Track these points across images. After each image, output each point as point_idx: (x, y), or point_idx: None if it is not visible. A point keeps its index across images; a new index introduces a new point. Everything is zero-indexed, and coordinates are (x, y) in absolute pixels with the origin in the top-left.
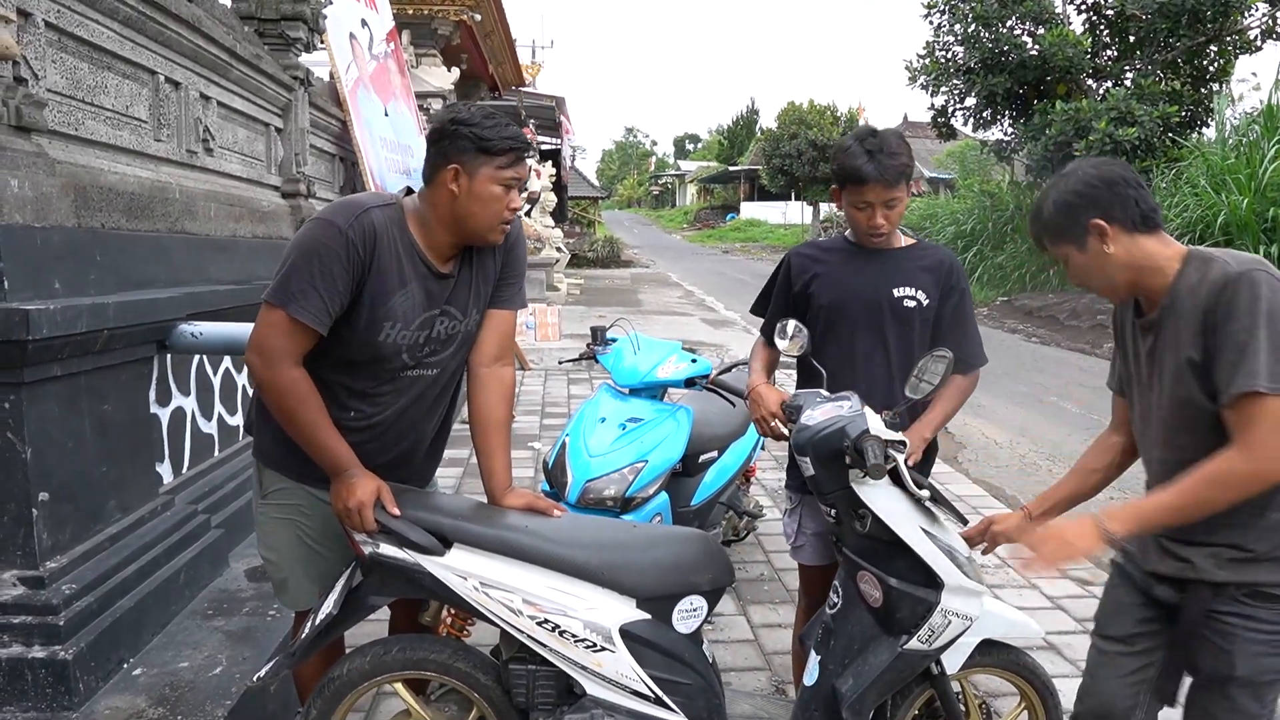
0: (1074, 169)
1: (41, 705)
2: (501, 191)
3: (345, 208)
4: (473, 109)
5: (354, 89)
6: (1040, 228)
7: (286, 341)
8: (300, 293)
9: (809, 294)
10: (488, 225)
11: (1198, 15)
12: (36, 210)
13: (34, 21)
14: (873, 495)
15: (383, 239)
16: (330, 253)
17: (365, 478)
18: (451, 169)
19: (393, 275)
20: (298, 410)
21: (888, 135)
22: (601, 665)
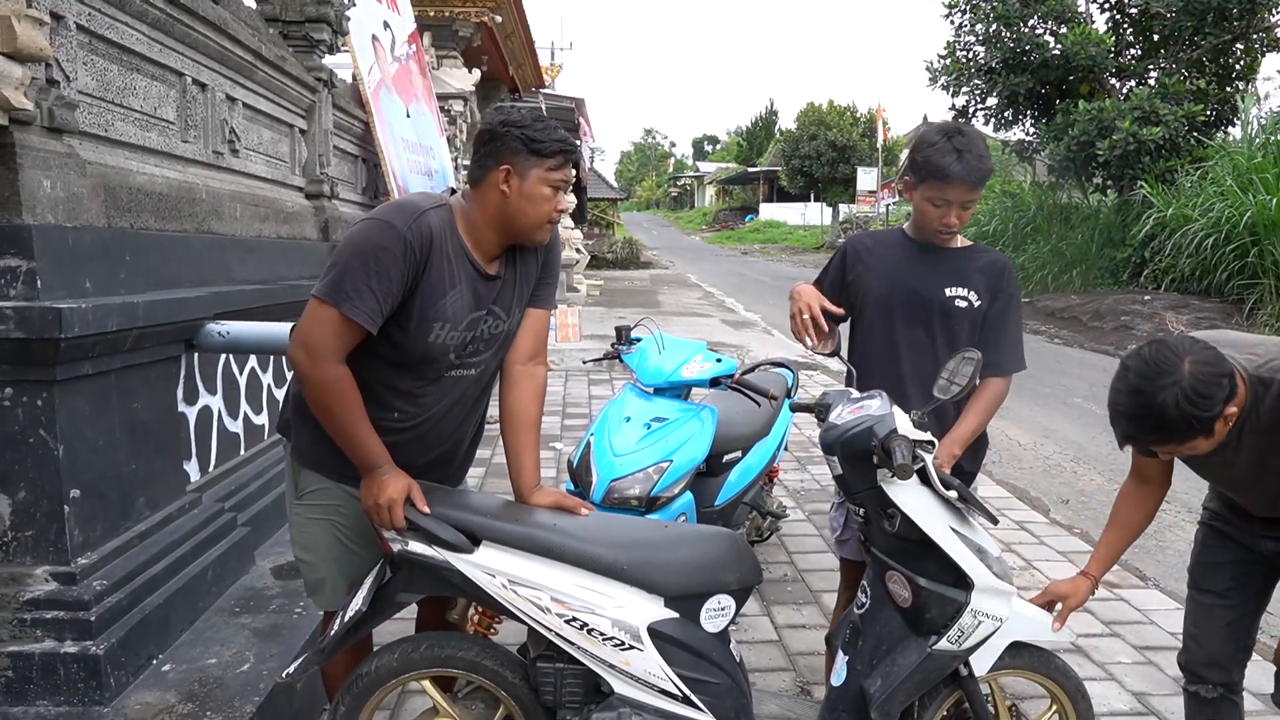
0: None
1: (74, 699)
2: (550, 192)
3: (403, 210)
4: (522, 111)
5: (376, 90)
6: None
7: (335, 339)
8: (355, 292)
9: (861, 283)
10: (535, 225)
11: (1224, 13)
12: (68, 210)
13: (65, 24)
14: (902, 494)
15: (437, 241)
16: (387, 254)
17: (396, 475)
18: (503, 170)
19: (445, 277)
20: (338, 407)
21: (974, 136)
22: (629, 664)
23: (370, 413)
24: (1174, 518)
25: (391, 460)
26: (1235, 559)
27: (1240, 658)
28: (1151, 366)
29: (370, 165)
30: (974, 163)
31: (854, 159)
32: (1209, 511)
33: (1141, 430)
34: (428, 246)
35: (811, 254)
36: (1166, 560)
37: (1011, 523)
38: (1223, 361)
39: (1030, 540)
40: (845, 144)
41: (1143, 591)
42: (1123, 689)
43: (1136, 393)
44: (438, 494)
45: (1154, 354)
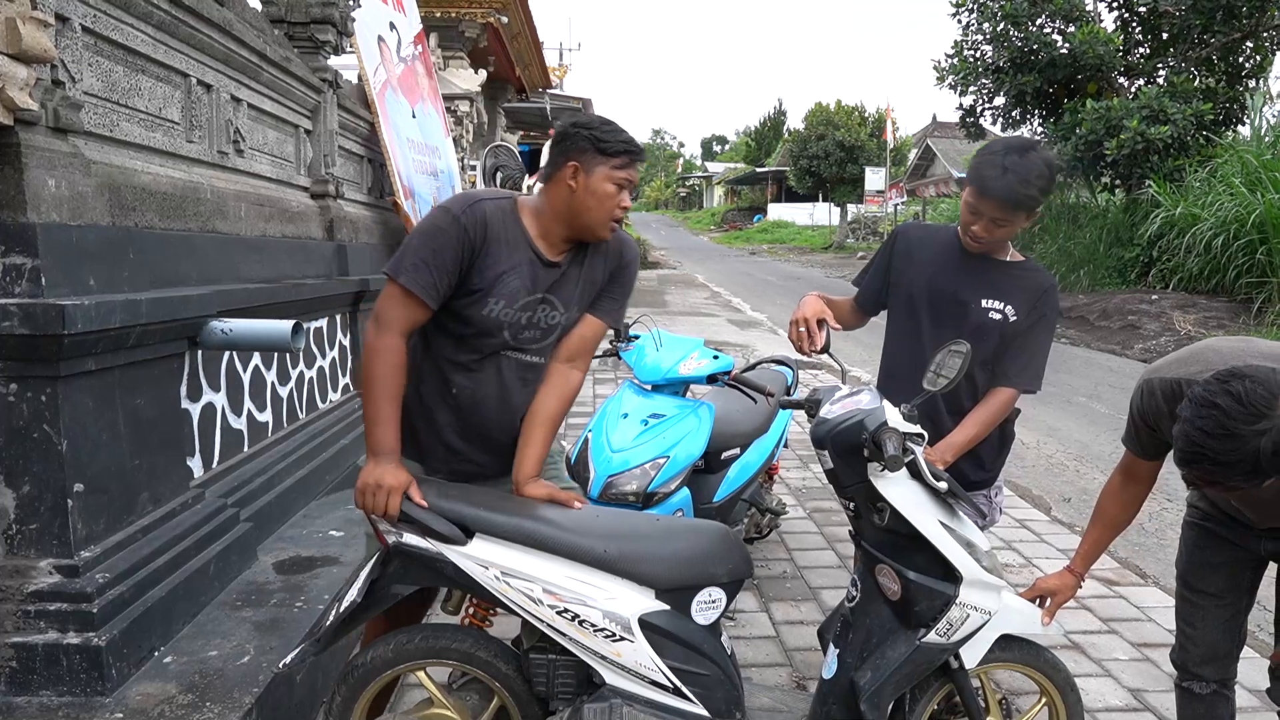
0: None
1: (76, 690)
2: (614, 190)
3: (461, 199)
4: (593, 117)
5: (382, 91)
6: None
7: (397, 310)
8: (413, 267)
9: (904, 272)
10: (600, 221)
11: (1233, 11)
12: (73, 209)
13: (71, 26)
14: (891, 488)
15: (493, 225)
16: (443, 234)
17: (400, 469)
18: (571, 166)
19: (502, 257)
20: (378, 377)
21: (1034, 162)
22: (620, 655)
23: (434, 388)
24: (1175, 515)
25: (399, 454)
26: (1229, 559)
27: (1235, 653)
28: (1247, 408)
29: (376, 165)
30: (1012, 183)
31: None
32: (1198, 511)
33: (1230, 476)
34: (483, 229)
35: (820, 254)
36: (1166, 558)
37: (1013, 520)
38: None
39: (1031, 538)
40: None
41: (1141, 589)
42: (1119, 685)
43: (1230, 436)
44: (432, 486)
45: (1248, 392)
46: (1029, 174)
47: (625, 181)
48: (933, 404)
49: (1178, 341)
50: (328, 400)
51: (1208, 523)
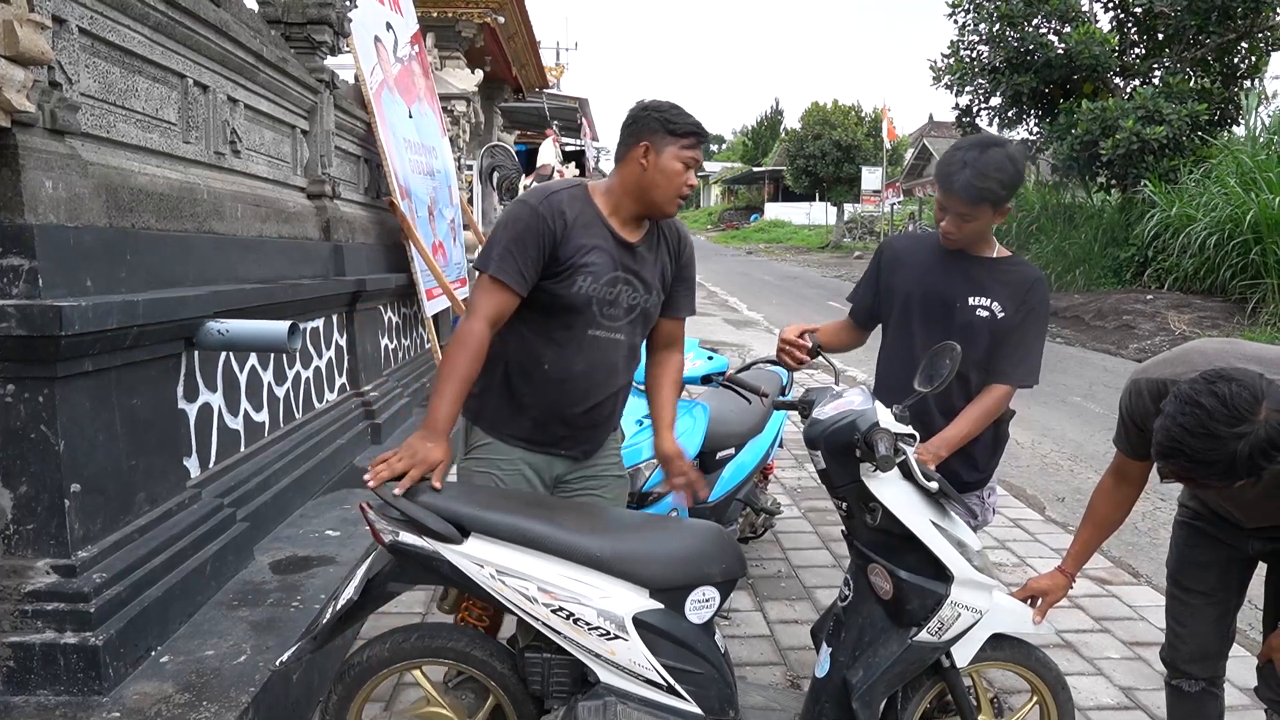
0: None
1: (73, 689)
2: (681, 168)
3: (538, 191)
4: (661, 101)
5: (378, 91)
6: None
7: (485, 298)
8: (499, 257)
9: (893, 283)
10: (668, 196)
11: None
12: (70, 210)
13: (68, 27)
14: (883, 488)
15: (570, 211)
16: (522, 224)
17: (442, 448)
18: (642, 145)
19: (583, 238)
20: (455, 359)
21: (994, 158)
22: (615, 653)
23: (524, 364)
24: (1168, 515)
25: (448, 435)
26: (1220, 558)
27: (1224, 652)
28: (1230, 410)
29: (373, 165)
30: (969, 178)
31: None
32: (1189, 510)
33: (1205, 474)
34: (561, 216)
35: (816, 253)
36: (1159, 557)
37: (1006, 520)
38: None
39: (1024, 537)
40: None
41: (1134, 588)
42: (1110, 684)
43: (1209, 436)
44: (427, 486)
45: (1232, 395)
46: (987, 168)
47: (692, 160)
48: (924, 404)
49: (1172, 341)
50: (324, 400)
51: (1198, 522)
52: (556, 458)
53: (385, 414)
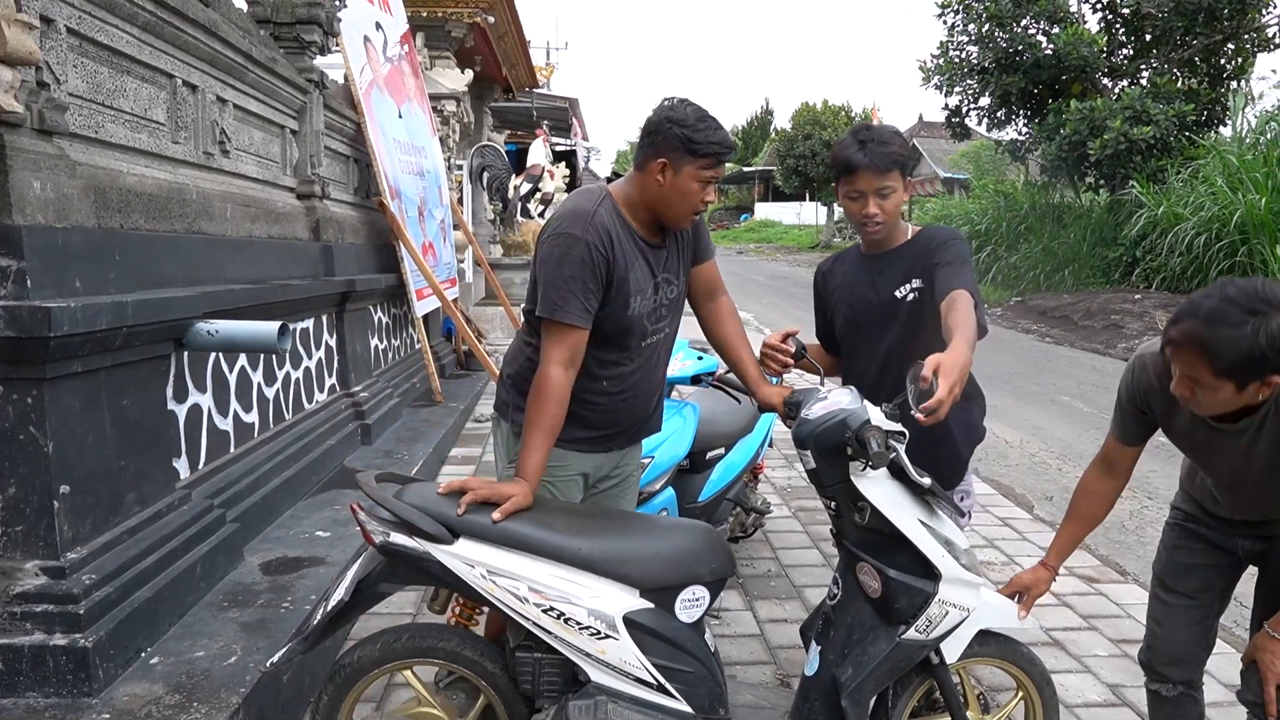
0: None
1: (63, 691)
2: (699, 188)
3: (576, 217)
4: (688, 110)
5: (368, 91)
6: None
7: (559, 346)
8: (562, 300)
9: (831, 306)
10: (682, 214)
11: (1214, 13)
12: (58, 211)
13: (56, 28)
14: (872, 487)
15: (612, 232)
16: (578, 261)
17: (524, 492)
18: (660, 162)
19: (626, 257)
20: (542, 410)
21: (880, 127)
22: (605, 653)
23: (581, 385)
24: (1155, 514)
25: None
26: (1207, 560)
27: (1202, 656)
28: (1261, 291)
29: (363, 165)
30: (875, 149)
31: None
32: (1180, 513)
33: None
34: (608, 241)
35: (806, 253)
36: (1146, 556)
37: (995, 519)
38: None
39: (1013, 536)
40: None
41: (1121, 586)
42: (1097, 681)
43: (1230, 302)
44: (417, 487)
45: (1260, 285)
46: (884, 135)
47: (712, 179)
48: None
49: None
50: (314, 401)
51: (1189, 523)
52: (612, 453)
53: (375, 414)
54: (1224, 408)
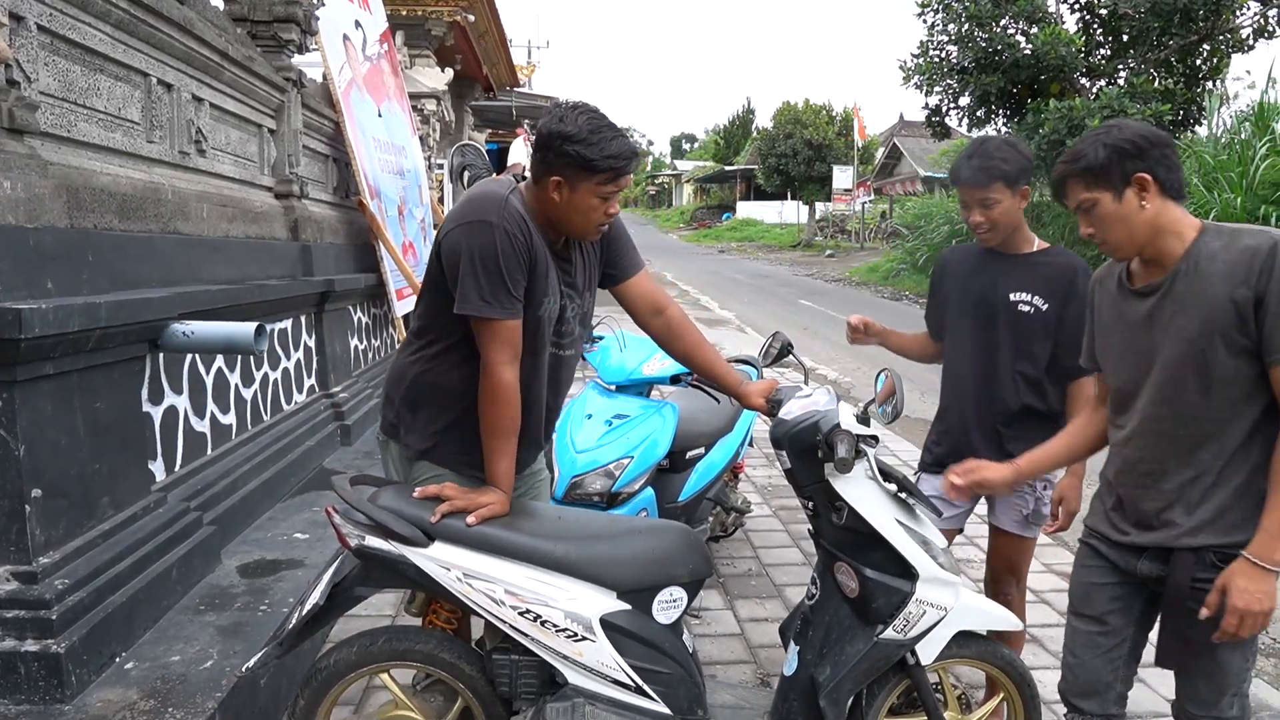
0: (1124, 123)
1: (34, 698)
2: (599, 203)
3: (488, 202)
4: (581, 121)
5: (347, 90)
6: (1078, 169)
7: (501, 345)
8: (493, 297)
9: (944, 294)
10: (584, 230)
11: (1189, 14)
12: (29, 211)
13: (26, 25)
14: (849, 488)
15: (526, 220)
16: (497, 250)
17: (502, 500)
18: (555, 180)
19: (538, 254)
20: (503, 413)
21: (992, 141)
22: (582, 655)
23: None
24: None
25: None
26: (1113, 581)
27: (1120, 688)
28: (1113, 124)
29: (342, 165)
30: (977, 163)
31: (830, 157)
32: (1088, 529)
33: (1067, 165)
34: (525, 227)
35: (788, 252)
36: None
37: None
38: (1171, 143)
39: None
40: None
41: None
42: None
43: (1088, 133)
44: (391, 490)
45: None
46: (988, 150)
47: (613, 192)
48: (960, 417)
49: None
50: (293, 402)
51: (1093, 539)
52: None
53: (355, 415)
54: (1128, 237)
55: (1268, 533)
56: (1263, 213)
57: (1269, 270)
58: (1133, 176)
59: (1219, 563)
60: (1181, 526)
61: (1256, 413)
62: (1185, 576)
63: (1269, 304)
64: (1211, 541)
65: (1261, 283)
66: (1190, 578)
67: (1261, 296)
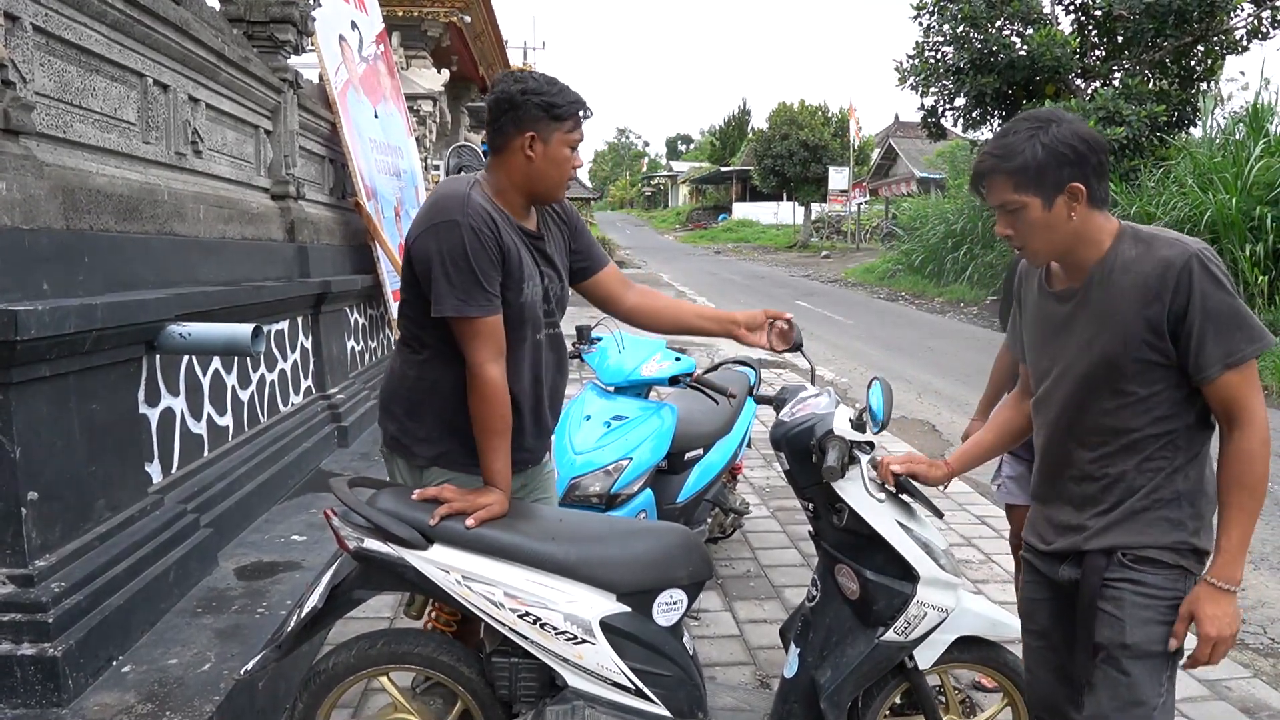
0: (1061, 117)
1: (31, 702)
2: (569, 153)
3: (450, 201)
4: (537, 77)
5: (343, 91)
6: (1010, 168)
7: (484, 342)
8: (468, 296)
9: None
10: (557, 184)
11: (1184, 15)
12: (25, 212)
13: (21, 25)
14: (849, 489)
15: (491, 212)
16: (467, 248)
17: (501, 500)
18: (528, 135)
19: (510, 241)
20: (494, 412)
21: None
22: (582, 657)
23: None
24: None
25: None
26: (1048, 596)
27: (1077, 698)
28: (1047, 113)
29: (338, 165)
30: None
31: (826, 158)
32: (1025, 543)
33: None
34: (491, 222)
35: (784, 253)
36: None
37: (972, 517)
38: (1106, 148)
39: (989, 534)
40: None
41: None
42: None
43: (1018, 121)
44: (392, 492)
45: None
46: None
47: (577, 141)
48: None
49: None
50: (289, 404)
51: (1028, 553)
52: (519, 474)
53: (351, 417)
54: (1048, 245)
55: (1227, 553)
56: (1258, 213)
57: (1185, 288)
58: (1067, 186)
59: (1130, 564)
60: (1091, 529)
61: (1176, 425)
62: (1096, 578)
63: (1190, 322)
64: (1121, 542)
65: (1179, 301)
66: (1100, 579)
67: (1181, 314)
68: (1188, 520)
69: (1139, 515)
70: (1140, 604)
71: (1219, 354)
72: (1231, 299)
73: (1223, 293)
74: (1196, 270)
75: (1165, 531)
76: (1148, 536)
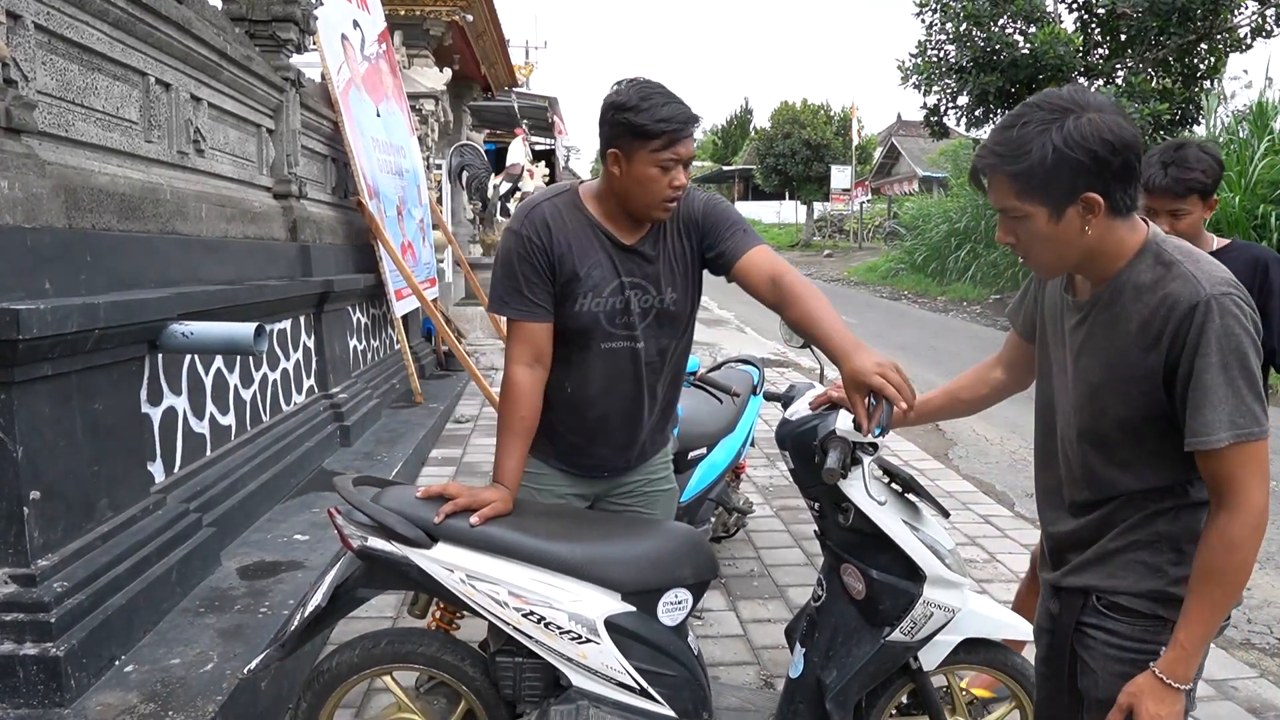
0: (1083, 109)
1: (34, 702)
2: (659, 173)
3: (520, 211)
4: (631, 90)
5: (345, 90)
6: (1015, 170)
7: (513, 343)
8: (506, 296)
9: None
10: (649, 204)
11: (1187, 13)
12: (27, 211)
13: (23, 24)
14: (855, 489)
15: (555, 224)
16: (510, 253)
17: (504, 497)
18: (612, 152)
19: (576, 251)
20: (504, 409)
21: (1191, 149)
22: (586, 657)
23: (550, 392)
24: None
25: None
26: (1048, 627)
27: None
28: (1071, 94)
29: (340, 165)
30: (1175, 173)
31: (828, 157)
32: None
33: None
34: (546, 231)
35: (786, 252)
36: None
37: (977, 516)
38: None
39: (994, 534)
40: (819, 142)
41: None
42: None
43: (1032, 106)
44: (395, 491)
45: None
46: (1188, 158)
47: (671, 161)
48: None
49: None
50: (292, 403)
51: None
52: (598, 481)
53: (354, 416)
54: (1056, 259)
55: (1183, 648)
56: (1261, 212)
57: (1186, 337)
58: (1081, 196)
59: (1104, 610)
60: (1069, 563)
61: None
62: (1070, 619)
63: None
64: (1094, 584)
65: (1176, 351)
66: (1075, 621)
67: (1175, 367)
68: (1167, 566)
69: (1113, 557)
70: (1111, 656)
71: (1220, 422)
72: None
73: (1233, 355)
74: (1206, 320)
75: (1141, 576)
76: (1121, 581)
